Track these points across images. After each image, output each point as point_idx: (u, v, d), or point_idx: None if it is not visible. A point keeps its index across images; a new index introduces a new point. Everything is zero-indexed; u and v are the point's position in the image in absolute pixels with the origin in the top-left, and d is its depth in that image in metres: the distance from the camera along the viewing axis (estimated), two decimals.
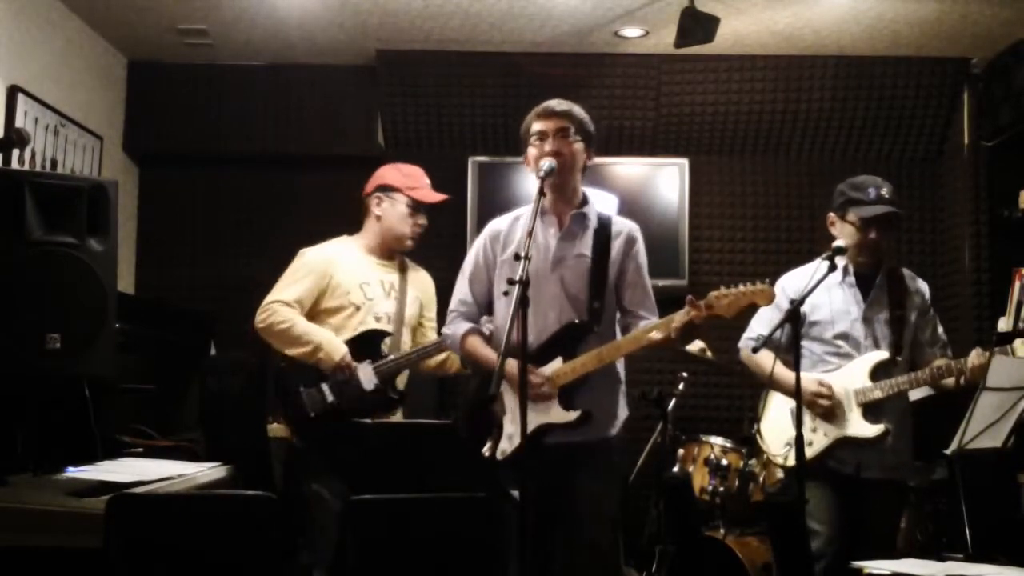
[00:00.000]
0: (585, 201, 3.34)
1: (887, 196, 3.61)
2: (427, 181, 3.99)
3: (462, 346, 3.35)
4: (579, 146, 3.28)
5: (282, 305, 3.73)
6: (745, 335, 3.77)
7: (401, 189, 3.91)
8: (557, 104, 3.31)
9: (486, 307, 3.38)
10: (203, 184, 5.76)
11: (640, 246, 3.34)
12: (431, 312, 4.05)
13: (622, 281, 3.29)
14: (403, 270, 3.98)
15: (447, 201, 4.03)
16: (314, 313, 3.79)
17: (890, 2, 4.68)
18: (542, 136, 3.26)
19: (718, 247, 5.70)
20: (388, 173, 3.96)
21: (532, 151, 3.28)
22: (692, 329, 3.09)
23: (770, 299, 3.11)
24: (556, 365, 3.18)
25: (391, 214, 3.90)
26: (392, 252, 3.96)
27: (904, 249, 5.53)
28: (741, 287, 3.08)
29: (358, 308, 3.78)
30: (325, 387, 3.68)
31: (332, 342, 3.70)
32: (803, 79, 5.47)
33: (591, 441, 3.20)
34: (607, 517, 3.24)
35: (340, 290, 3.79)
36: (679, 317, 3.08)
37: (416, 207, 3.92)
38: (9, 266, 2.99)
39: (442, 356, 3.91)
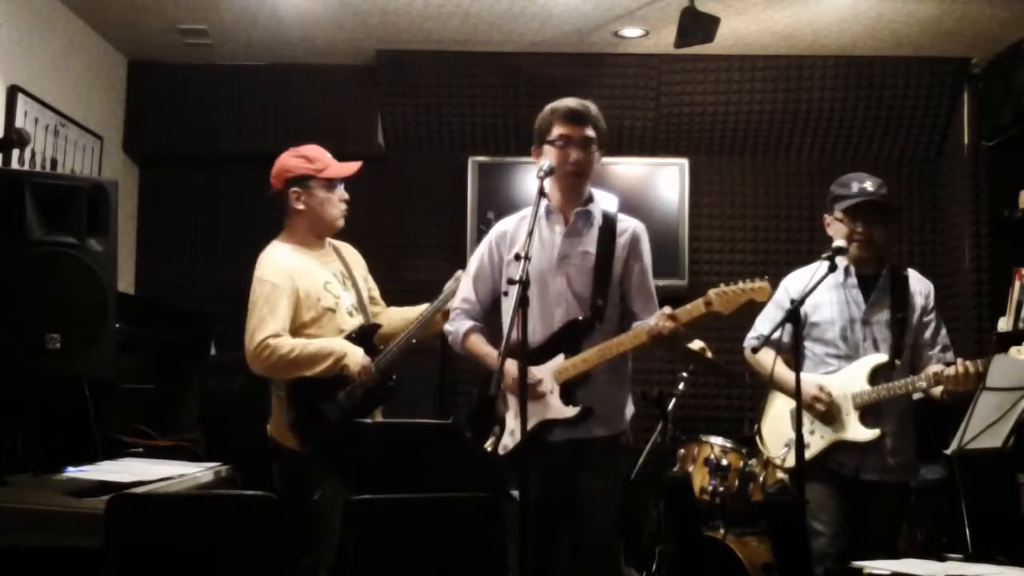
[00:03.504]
0: (590, 199, 3.34)
1: (870, 188, 3.60)
2: (330, 156, 3.83)
3: (463, 344, 3.37)
4: (598, 155, 3.30)
5: (274, 338, 3.56)
6: (749, 334, 3.77)
7: (312, 175, 3.76)
8: (580, 106, 3.27)
9: (490, 306, 3.39)
10: (203, 184, 5.76)
11: (645, 245, 3.35)
12: (371, 280, 3.96)
13: (627, 280, 3.30)
14: (340, 255, 3.88)
15: (362, 169, 3.84)
16: (293, 331, 3.63)
17: (890, 2, 4.68)
18: (567, 141, 3.23)
19: (718, 247, 5.70)
20: (292, 164, 3.78)
21: (555, 154, 3.23)
22: (671, 338, 3.09)
23: (767, 296, 3.13)
24: (558, 362, 3.19)
25: (313, 203, 3.75)
26: (323, 238, 3.85)
27: (904, 249, 5.54)
28: (739, 284, 3.10)
29: (333, 311, 3.68)
30: (342, 395, 3.63)
31: (351, 348, 3.61)
32: (803, 79, 5.47)
33: (599, 438, 3.21)
34: (611, 516, 3.24)
35: (310, 300, 3.65)
36: (653, 326, 3.08)
37: (332, 185, 3.79)
38: (9, 266, 2.98)
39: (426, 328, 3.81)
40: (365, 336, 3.71)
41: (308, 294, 3.65)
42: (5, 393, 3.15)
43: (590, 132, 3.25)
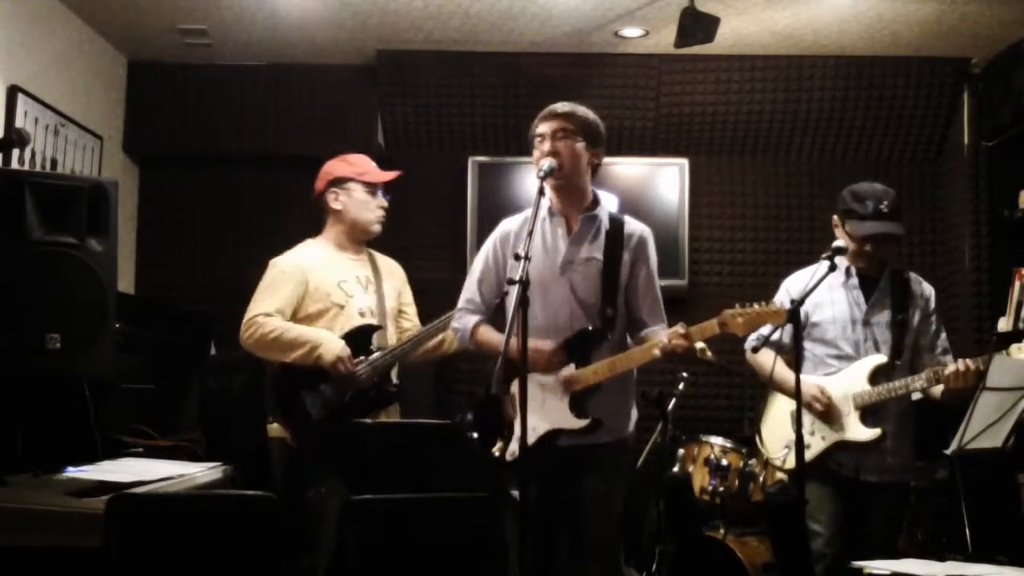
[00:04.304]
0: (596, 203, 3.33)
1: (885, 210, 3.57)
2: (373, 164, 4.01)
3: (473, 337, 3.37)
4: (580, 146, 3.27)
5: (264, 316, 3.70)
6: (751, 336, 3.77)
7: (352, 177, 3.92)
8: (559, 106, 3.32)
9: (494, 307, 3.38)
10: (203, 184, 5.76)
11: (652, 249, 3.35)
12: (408, 297, 4.08)
13: (633, 285, 3.29)
14: (374, 263, 3.99)
15: (400, 177, 4.03)
16: (297, 321, 3.77)
17: (890, 2, 4.68)
18: (542, 138, 3.28)
19: (718, 247, 5.70)
20: (334, 167, 3.96)
21: (535, 153, 3.29)
22: (683, 356, 3.14)
23: (782, 320, 3.15)
24: (568, 371, 3.18)
25: (351, 204, 3.90)
26: (360, 243, 3.96)
27: (904, 250, 5.53)
28: (755, 307, 3.13)
29: (341, 307, 3.78)
30: (326, 388, 3.67)
31: (329, 338, 3.69)
32: (803, 79, 5.47)
33: (606, 443, 3.21)
34: (612, 517, 3.24)
35: (319, 293, 3.78)
36: (666, 344, 3.10)
37: (372, 190, 3.93)
38: (9, 266, 2.98)
39: (436, 339, 3.87)
40: (360, 335, 3.74)
41: (317, 288, 3.77)
42: (5, 393, 3.15)
43: (566, 124, 3.26)
